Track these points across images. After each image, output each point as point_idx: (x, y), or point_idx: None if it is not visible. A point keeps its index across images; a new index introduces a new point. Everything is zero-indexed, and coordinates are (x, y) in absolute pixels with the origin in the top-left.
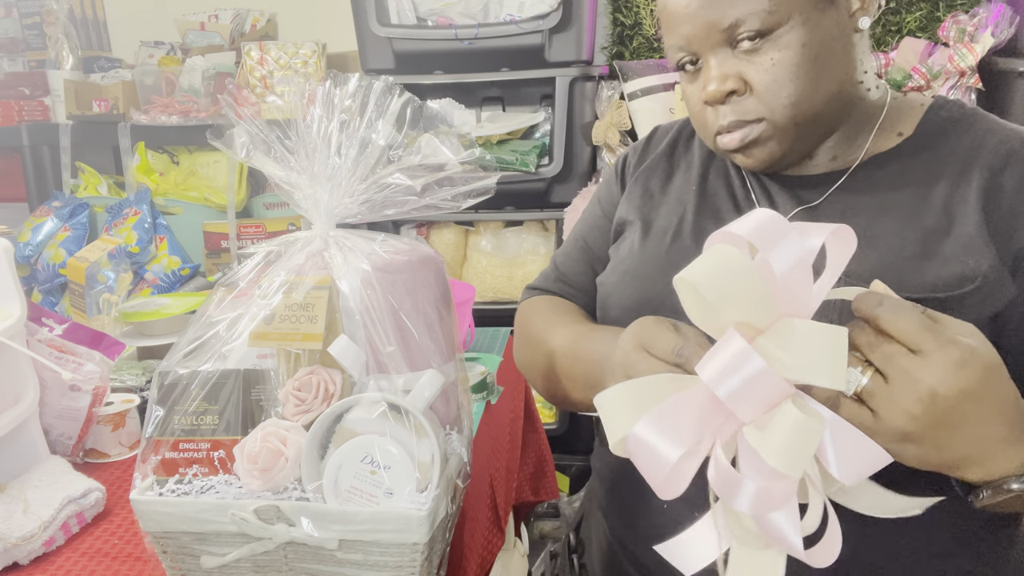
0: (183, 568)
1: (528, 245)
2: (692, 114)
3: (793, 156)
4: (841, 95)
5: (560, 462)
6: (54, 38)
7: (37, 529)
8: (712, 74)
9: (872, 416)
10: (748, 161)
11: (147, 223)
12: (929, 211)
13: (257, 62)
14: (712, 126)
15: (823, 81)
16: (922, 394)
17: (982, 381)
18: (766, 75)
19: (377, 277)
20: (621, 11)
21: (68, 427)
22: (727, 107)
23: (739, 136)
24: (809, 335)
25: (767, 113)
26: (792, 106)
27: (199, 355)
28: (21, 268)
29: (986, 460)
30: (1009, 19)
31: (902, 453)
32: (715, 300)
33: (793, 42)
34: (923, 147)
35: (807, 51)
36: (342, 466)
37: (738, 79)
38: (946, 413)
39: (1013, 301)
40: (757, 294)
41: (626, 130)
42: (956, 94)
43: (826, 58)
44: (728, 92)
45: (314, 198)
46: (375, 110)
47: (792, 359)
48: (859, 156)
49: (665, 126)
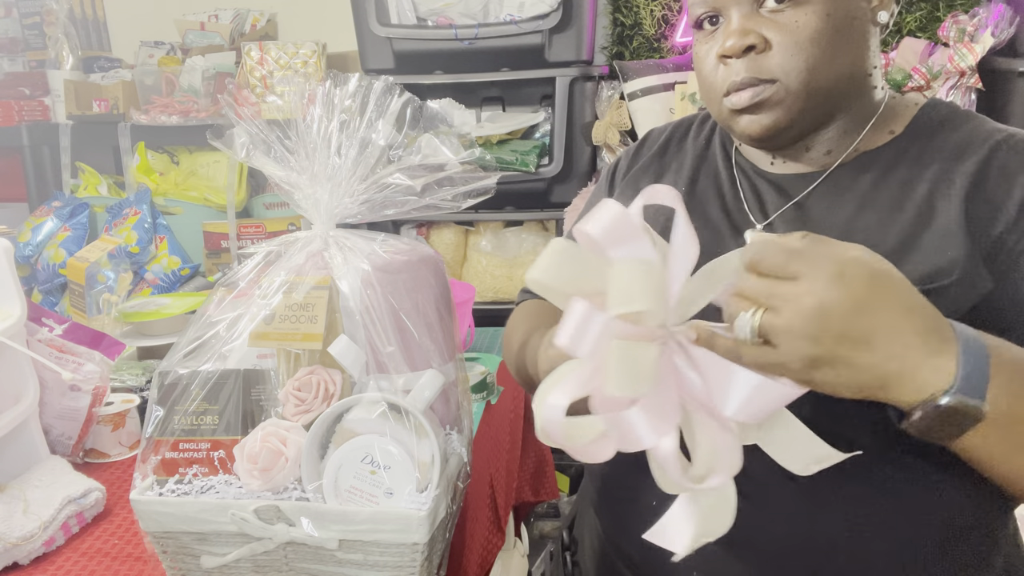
0: (183, 568)
1: (528, 245)
2: (702, 75)
3: (793, 132)
4: (852, 79)
5: (560, 462)
6: (54, 38)
7: (37, 529)
8: (733, 27)
9: (776, 351)
10: (752, 127)
11: (147, 223)
12: (911, 206)
13: (257, 62)
14: (722, 84)
15: (839, 56)
16: (810, 313)
17: (870, 288)
18: (789, 36)
19: (377, 277)
20: (621, 11)
21: (68, 427)
22: (741, 63)
23: (750, 94)
24: (621, 269)
25: (781, 74)
26: (807, 71)
27: (199, 355)
28: (21, 268)
29: (910, 375)
30: (1009, 19)
31: (822, 380)
32: (561, 285)
33: (819, 9)
34: (910, 145)
35: (830, 21)
36: (342, 466)
37: (759, 36)
38: (844, 327)
39: (991, 293)
40: (590, 265)
41: (626, 130)
42: (956, 94)
43: (846, 34)
44: (747, 47)
45: (314, 198)
46: (375, 110)
47: (614, 294)
48: (849, 153)
49: (659, 129)
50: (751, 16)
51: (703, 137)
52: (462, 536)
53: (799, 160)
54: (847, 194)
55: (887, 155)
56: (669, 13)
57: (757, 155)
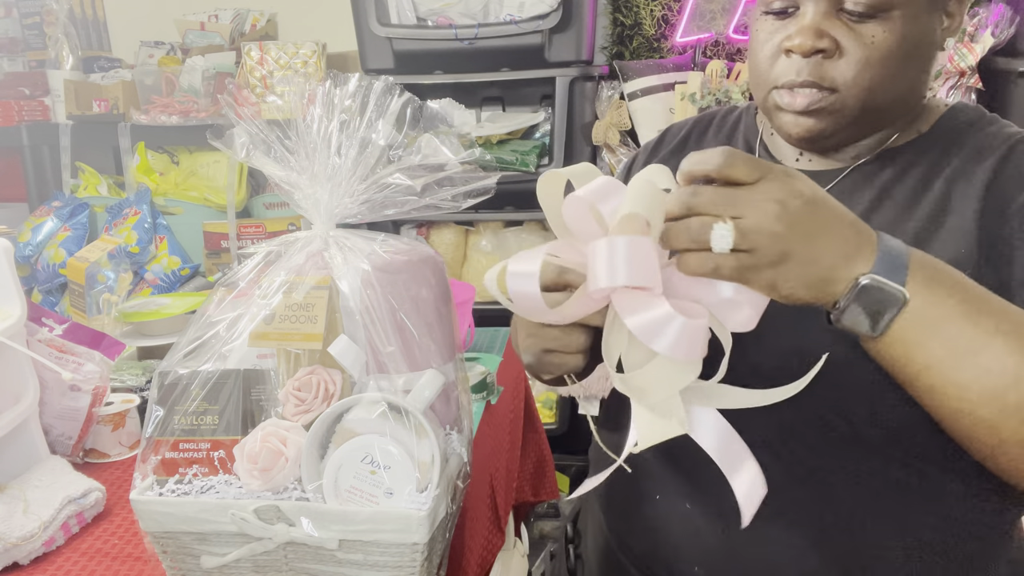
0: (183, 568)
1: (528, 245)
2: (756, 58)
3: (835, 140)
4: (906, 102)
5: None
6: (54, 38)
7: (37, 529)
8: (809, 24)
9: (750, 255)
10: (796, 128)
11: (147, 223)
12: (927, 202)
13: (257, 62)
14: (778, 77)
15: (901, 79)
16: (774, 213)
17: (813, 191)
18: (862, 50)
19: (377, 277)
20: (621, 11)
21: (68, 427)
22: (805, 63)
23: (807, 100)
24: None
25: (843, 87)
26: (869, 90)
27: (199, 355)
28: (21, 268)
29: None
30: (1009, 19)
31: (785, 277)
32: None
33: (897, 29)
34: (933, 145)
35: (904, 44)
36: (342, 466)
37: (833, 40)
38: (801, 221)
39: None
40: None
41: (626, 130)
42: (956, 94)
43: (914, 58)
44: (818, 49)
45: (314, 198)
46: (375, 110)
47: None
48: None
49: (678, 124)
50: (828, 16)
51: (724, 133)
52: (462, 536)
53: (827, 157)
54: (867, 188)
55: (909, 153)
56: (669, 13)
57: (785, 150)
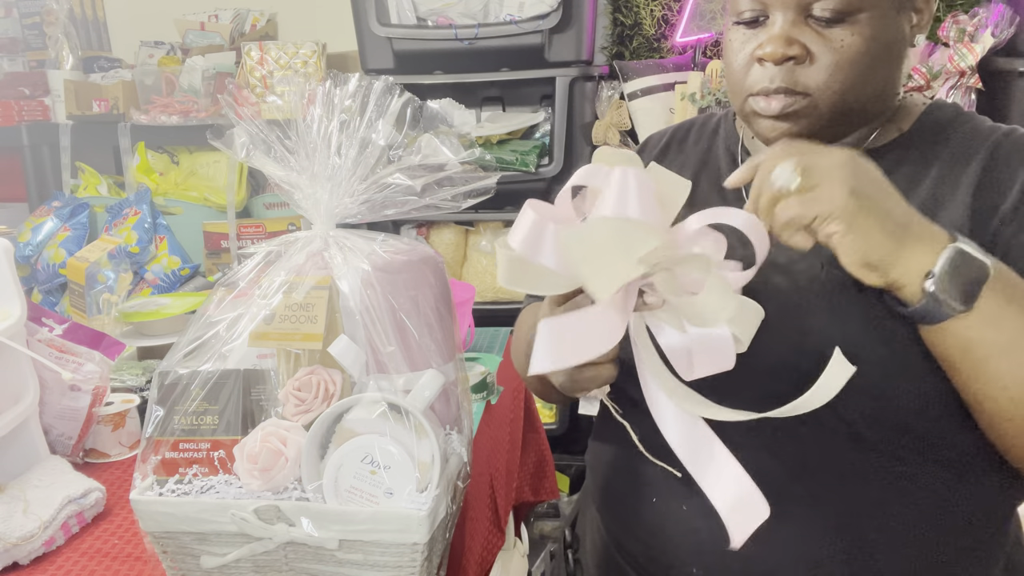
0: (183, 568)
1: None
2: (732, 67)
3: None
4: (879, 100)
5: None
6: (54, 38)
7: (37, 529)
8: (778, 32)
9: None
10: (772, 132)
11: (147, 223)
12: (916, 202)
13: (257, 62)
14: (752, 85)
15: (873, 79)
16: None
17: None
18: (831, 54)
19: (377, 277)
20: (621, 11)
21: (68, 427)
22: (777, 70)
23: (780, 104)
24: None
25: (815, 90)
26: (840, 93)
27: (199, 355)
28: (21, 268)
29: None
30: (1009, 19)
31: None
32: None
33: (865, 31)
34: (916, 143)
35: (873, 45)
36: (342, 466)
37: (802, 47)
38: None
39: None
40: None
41: (626, 130)
42: (956, 94)
43: (884, 59)
44: (789, 56)
45: (314, 198)
46: (375, 110)
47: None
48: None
49: (658, 134)
50: (797, 24)
51: (704, 140)
52: (462, 536)
53: None
54: None
55: (894, 153)
56: (669, 13)
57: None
